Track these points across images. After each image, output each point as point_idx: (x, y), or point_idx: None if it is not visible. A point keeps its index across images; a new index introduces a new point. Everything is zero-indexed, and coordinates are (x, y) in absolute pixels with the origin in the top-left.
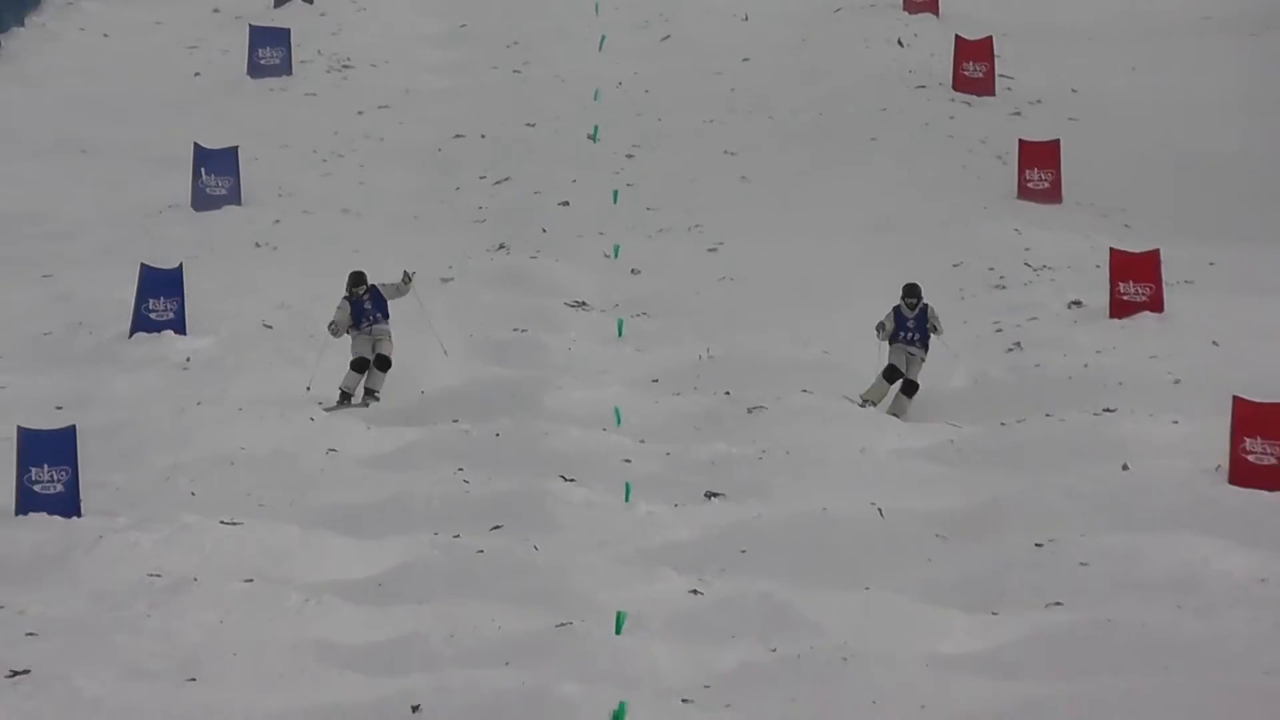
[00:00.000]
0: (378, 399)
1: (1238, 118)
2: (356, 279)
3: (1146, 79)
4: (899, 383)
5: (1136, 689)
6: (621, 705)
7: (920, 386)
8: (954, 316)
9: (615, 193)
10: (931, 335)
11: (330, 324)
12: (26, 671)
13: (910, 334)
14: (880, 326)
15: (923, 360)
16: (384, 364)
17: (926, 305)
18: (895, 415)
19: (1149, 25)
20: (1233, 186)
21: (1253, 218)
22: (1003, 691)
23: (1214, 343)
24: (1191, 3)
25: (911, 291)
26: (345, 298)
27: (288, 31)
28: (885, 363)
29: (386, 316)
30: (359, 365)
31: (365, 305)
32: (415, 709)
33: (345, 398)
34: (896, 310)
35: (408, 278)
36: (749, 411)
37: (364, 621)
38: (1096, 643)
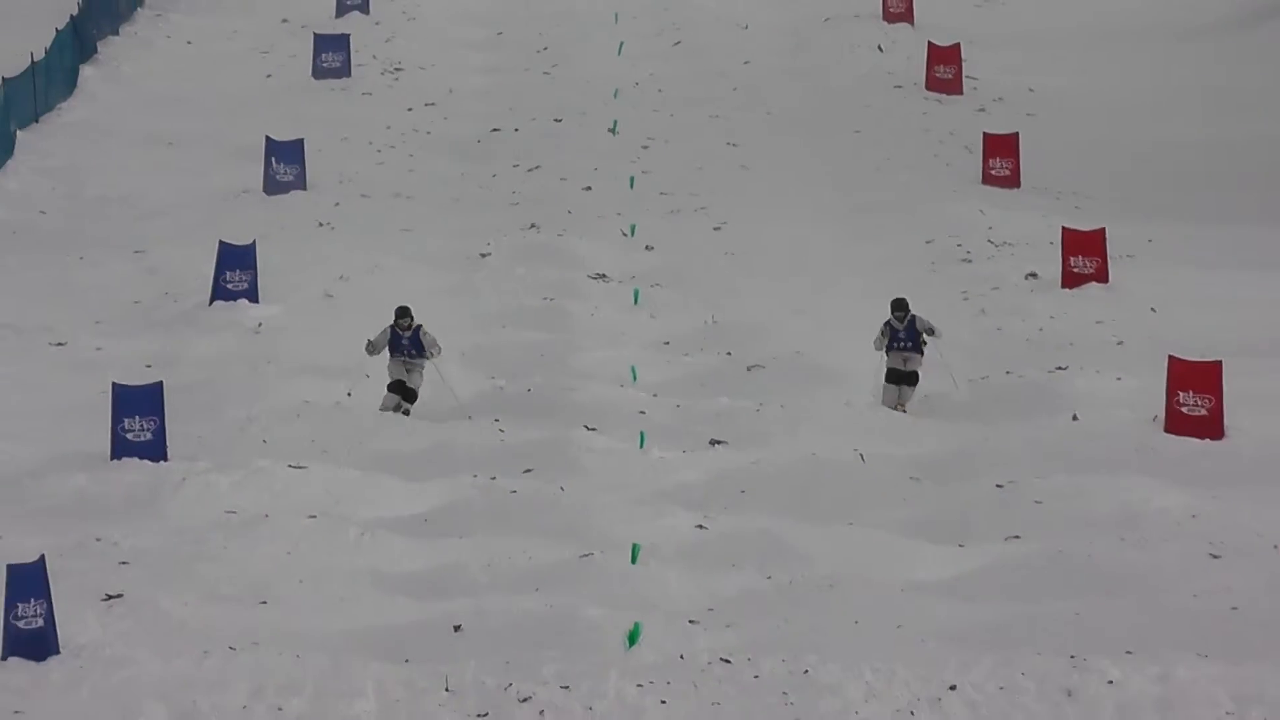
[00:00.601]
0: (407, 414)
1: (1175, 113)
2: (402, 312)
3: (1095, 80)
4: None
5: (1084, 610)
6: (636, 626)
7: (920, 380)
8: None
9: (632, 179)
10: (929, 338)
11: (368, 343)
12: (120, 595)
13: (903, 343)
14: (878, 340)
15: (920, 362)
16: (411, 397)
17: (914, 316)
18: (900, 407)
19: (1098, 33)
20: (1170, 173)
21: (1187, 200)
22: (968, 613)
23: (1152, 309)
24: (1135, 13)
25: (899, 305)
26: (391, 326)
27: (347, 38)
28: (885, 369)
29: (421, 355)
30: (395, 387)
31: (404, 341)
32: (457, 629)
33: (387, 408)
34: (888, 324)
35: (435, 348)
36: (748, 370)
37: (412, 553)
38: (1049, 571)
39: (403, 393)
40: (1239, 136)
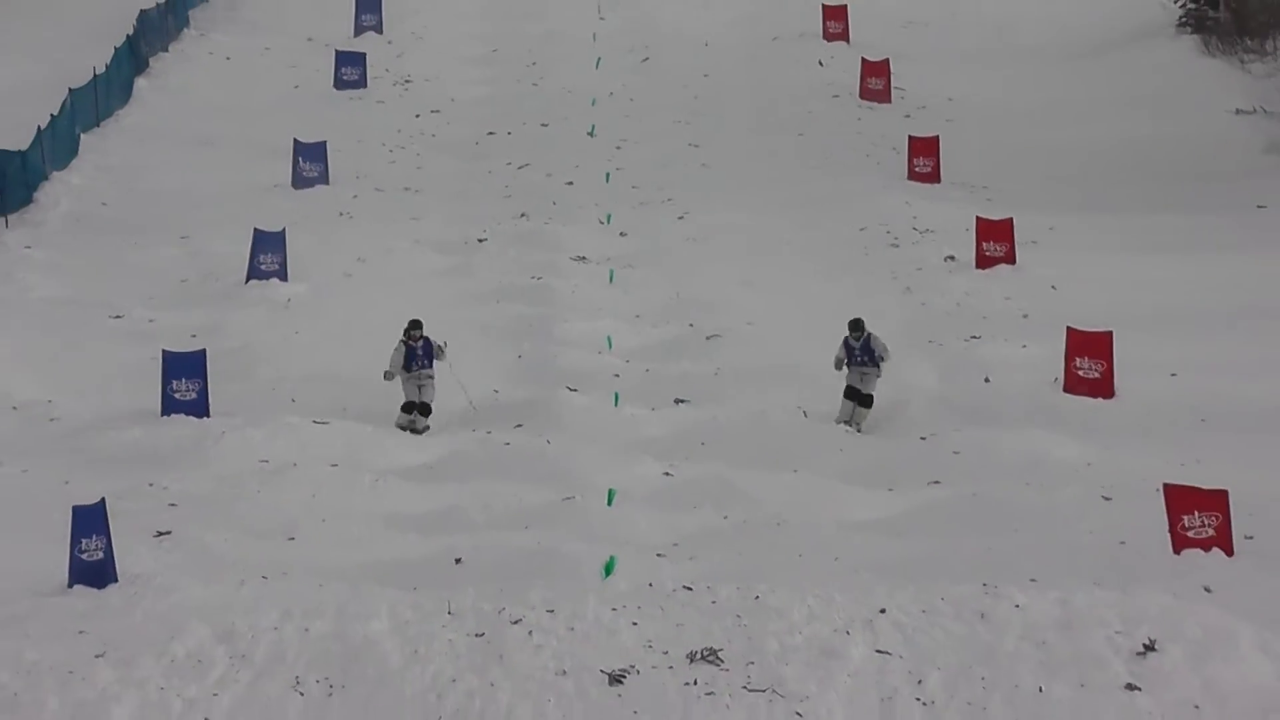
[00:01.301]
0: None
1: (1071, 119)
2: (414, 324)
3: (1005, 91)
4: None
5: (994, 545)
6: (612, 558)
7: (875, 401)
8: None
9: (608, 174)
10: (883, 361)
11: (385, 372)
12: (169, 532)
13: (860, 358)
14: (838, 360)
15: (877, 376)
16: (426, 410)
17: (870, 334)
18: (856, 426)
19: (1006, 52)
20: (1068, 170)
21: (1082, 194)
22: (895, 547)
23: (1053, 287)
24: (1037, 34)
25: (855, 325)
26: (403, 341)
27: (364, 55)
28: (844, 385)
29: (432, 363)
30: (408, 408)
31: (417, 351)
32: (458, 561)
33: (402, 429)
34: (845, 341)
35: (442, 351)
36: (707, 339)
37: (419, 497)
38: (965, 511)
39: (417, 409)
40: (1126, 139)
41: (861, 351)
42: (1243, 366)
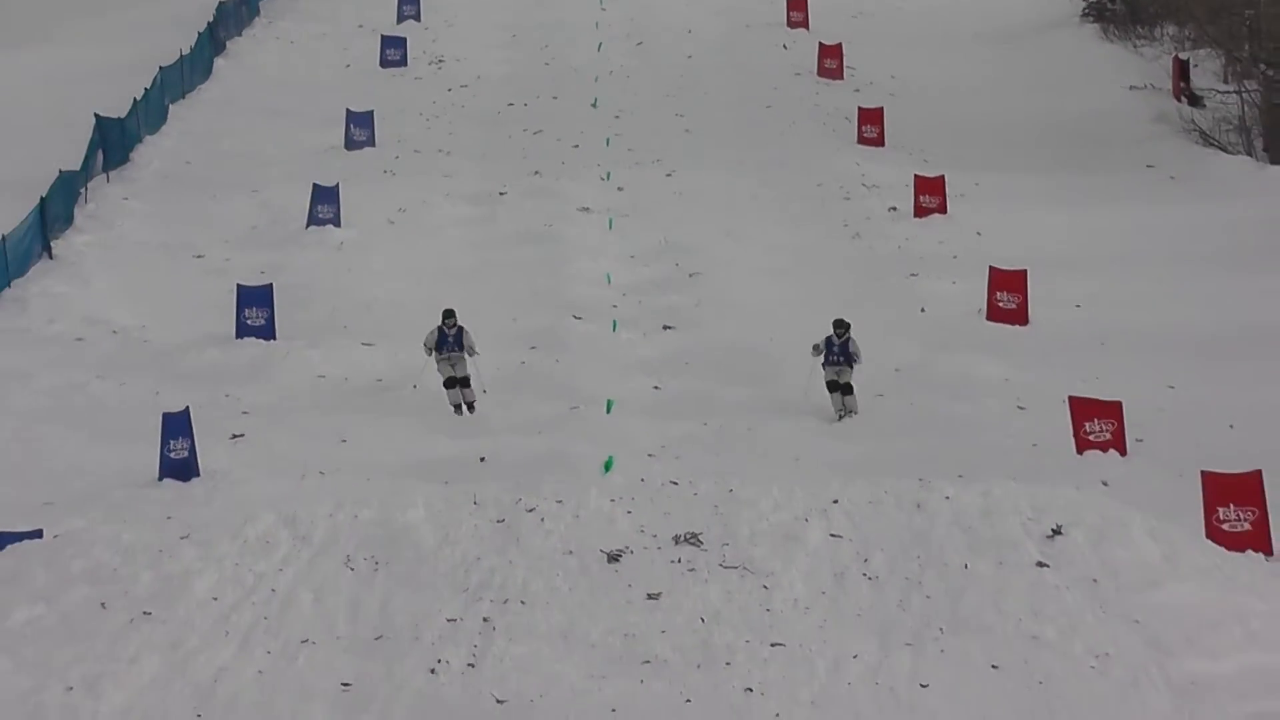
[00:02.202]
0: (472, 410)
1: (995, 94)
2: (447, 314)
3: (940, 70)
4: (840, 391)
5: (929, 447)
6: (610, 458)
7: (854, 388)
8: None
9: (608, 139)
10: (855, 363)
11: (425, 346)
12: (242, 435)
13: (837, 357)
14: (815, 348)
15: (850, 374)
16: (465, 382)
17: (850, 338)
18: (850, 412)
19: (941, 37)
20: (992, 137)
21: (1003, 156)
22: (846, 449)
23: (978, 233)
24: (967, 24)
25: (840, 325)
26: (438, 327)
27: (404, 39)
28: (824, 380)
29: (463, 349)
30: (449, 383)
31: (449, 337)
32: (482, 460)
33: (457, 408)
34: (828, 339)
35: (473, 349)
36: (690, 276)
37: (449, 407)
38: (904, 418)
39: (459, 384)
40: (1039, 110)
41: (840, 351)
42: (1135, 299)
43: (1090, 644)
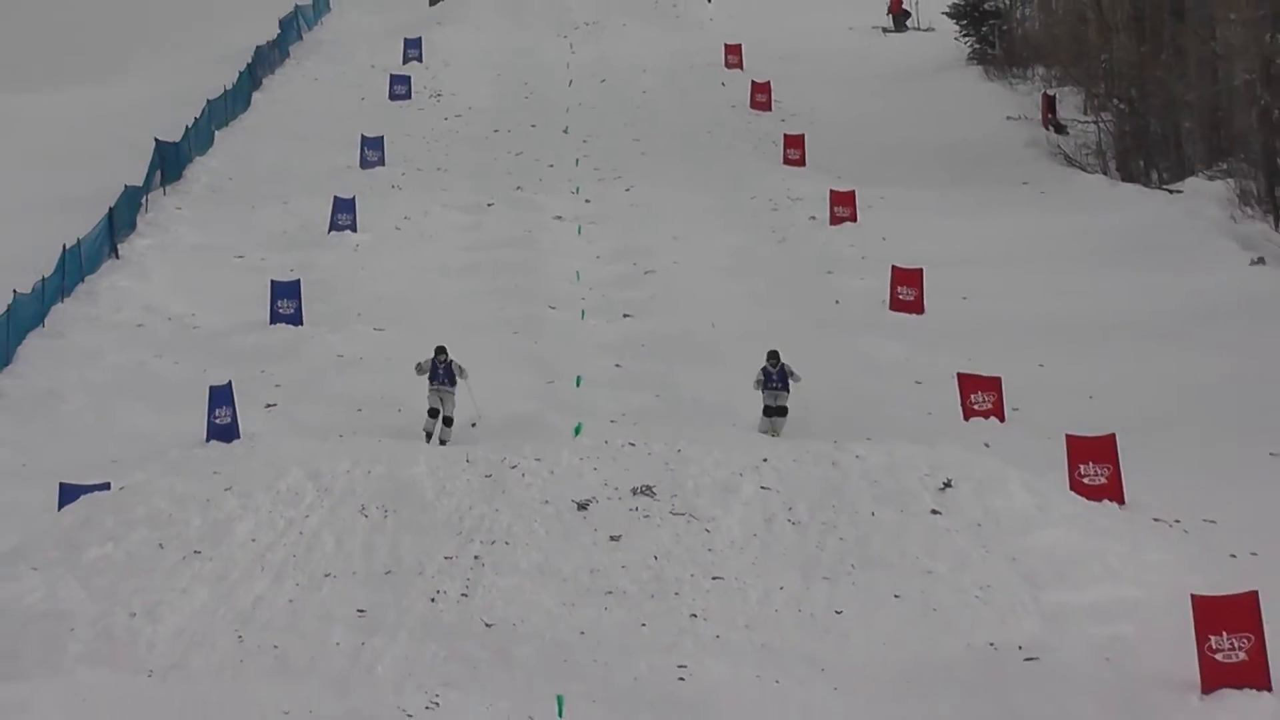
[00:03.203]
0: (444, 444)
1: (895, 123)
2: (439, 350)
3: (852, 103)
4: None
5: (839, 413)
6: (579, 424)
7: (788, 412)
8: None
9: (577, 160)
10: (792, 382)
11: (417, 365)
12: (275, 404)
13: (775, 384)
14: (756, 382)
15: (787, 398)
16: (448, 422)
17: (784, 364)
18: (775, 432)
19: (853, 76)
20: (893, 158)
21: (903, 174)
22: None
23: (883, 238)
24: (874, 66)
25: (772, 356)
26: (431, 358)
27: (409, 77)
28: (762, 405)
29: (453, 383)
30: (432, 413)
31: (440, 370)
32: (474, 424)
33: (428, 435)
34: (764, 369)
35: (463, 372)
36: (645, 273)
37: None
38: (821, 392)
39: (439, 417)
40: (935, 137)
41: (777, 377)
42: (1011, 292)
43: (975, 578)
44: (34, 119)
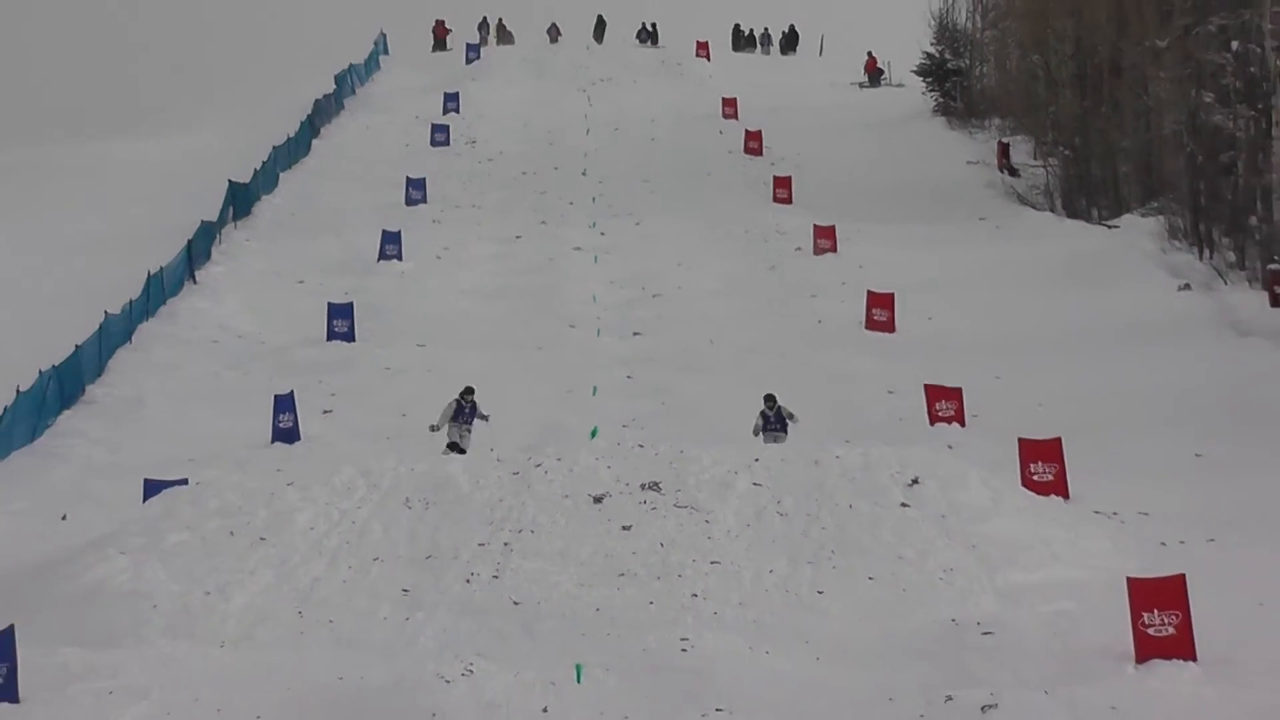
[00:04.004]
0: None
1: (869, 166)
2: (467, 390)
3: (831, 150)
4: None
5: (823, 422)
6: (595, 428)
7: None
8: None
9: (594, 198)
10: (791, 424)
11: (431, 425)
12: (330, 410)
13: (774, 426)
14: (755, 427)
15: (785, 438)
16: (463, 453)
17: (780, 406)
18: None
19: (832, 126)
20: (869, 197)
21: (877, 211)
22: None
23: (860, 266)
24: (851, 117)
25: (769, 400)
26: (455, 400)
27: (448, 126)
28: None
29: (473, 421)
30: (451, 447)
31: (465, 410)
32: (485, 418)
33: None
34: (762, 414)
35: (485, 416)
36: (653, 297)
37: (481, 388)
38: (807, 402)
39: (457, 451)
40: (905, 179)
41: (775, 420)
42: (971, 314)
43: (939, 561)
44: (130, 163)
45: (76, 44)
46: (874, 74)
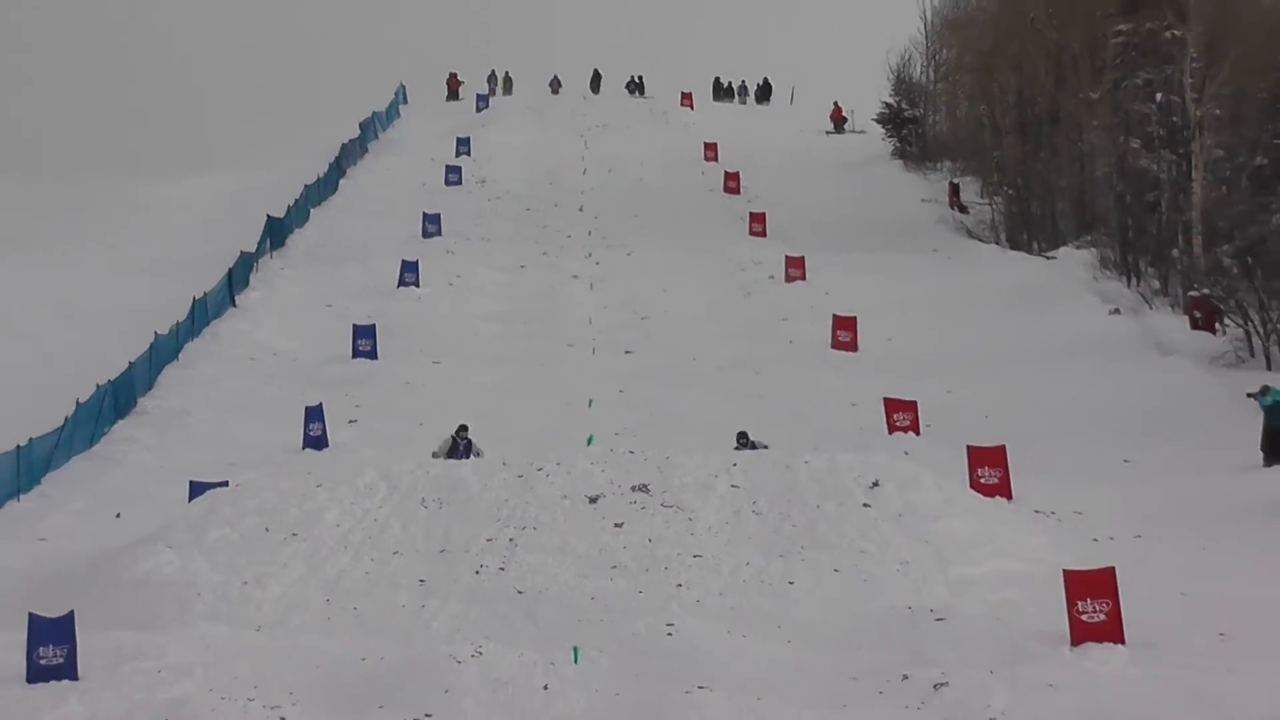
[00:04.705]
0: None
1: (837, 203)
2: (462, 427)
3: (801, 189)
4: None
5: (794, 429)
6: (590, 436)
7: None
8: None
9: (590, 231)
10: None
11: (433, 454)
12: (355, 420)
13: None
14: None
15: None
16: None
17: (753, 442)
18: None
19: (804, 169)
20: (834, 231)
21: (842, 243)
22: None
23: (826, 293)
24: (821, 157)
25: (741, 436)
26: (452, 436)
27: (460, 167)
28: None
29: (467, 458)
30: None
31: (460, 447)
32: (480, 455)
33: None
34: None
35: (480, 452)
36: (642, 319)
37: (489, 399)
38: (780, 414)
39: None
40: (867, 215)
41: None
42: (925, 335)
43: (897, 555)
44: (179, 200)
45: (137, 96)
46: (839, 122)
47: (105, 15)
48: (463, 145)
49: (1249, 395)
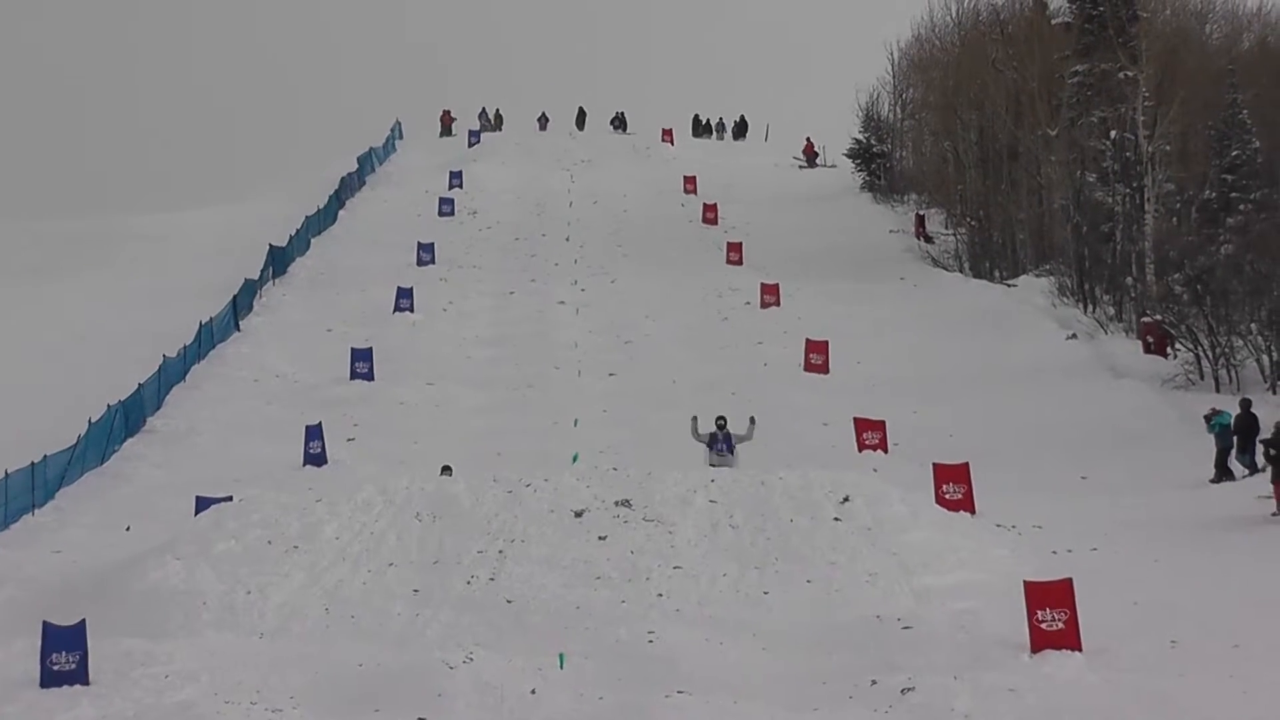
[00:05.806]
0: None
1: (809, 234)
2: (445, 469)
3: (775, 219)
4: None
5: (768, 447)
6: (575, 454)
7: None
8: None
9: (576, 260)
10: (738, 440)
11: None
12: (354, 439)
13: (720, 446)
14: (694, 432)
15: (732, 460)
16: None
17: (729, 431)
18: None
19: (778, 200)
20: (807, 259)
21: (814, 271)
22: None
23: (799, 318)
24: (794, 189)
25: (719, 421)
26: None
27: (453, 199)
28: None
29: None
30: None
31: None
32: (499, 454)
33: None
34: (711, 434)
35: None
36: (625, 343)
37: (480, 422)
38: (757, 436)
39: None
40: (837, 244)
41: (723, 440)
42: (893, 358)
43: (866, 567)
44: (187, 230)
45: (147, 133)
46: (811, 156)
47: (115, 54)
48: (455, 178)
49: (1205, 418)
